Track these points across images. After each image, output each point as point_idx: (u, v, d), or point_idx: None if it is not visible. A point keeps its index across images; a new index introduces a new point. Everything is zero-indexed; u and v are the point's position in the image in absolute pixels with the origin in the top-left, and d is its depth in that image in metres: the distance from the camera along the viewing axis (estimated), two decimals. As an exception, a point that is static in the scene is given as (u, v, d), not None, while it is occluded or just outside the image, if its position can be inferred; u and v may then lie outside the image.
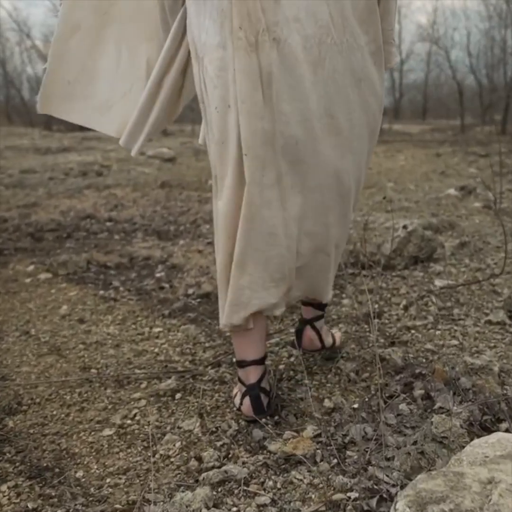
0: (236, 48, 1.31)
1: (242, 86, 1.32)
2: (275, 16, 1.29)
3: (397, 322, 2.18)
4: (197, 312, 2.46)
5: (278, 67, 1.32)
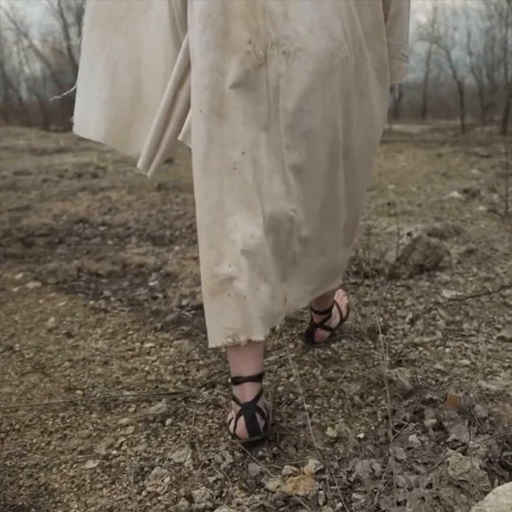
0: (241, 60, 1.32)
1: (247, 99, 1.34)
2: (285, 31, 1.31)
3: (403, 337, 2.05)
4: (191, 325, 2.33)
5: (287, 80, 1.33)
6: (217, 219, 1.38)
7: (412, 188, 5.55)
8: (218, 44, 1.33)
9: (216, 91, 1.34)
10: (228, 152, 1.36)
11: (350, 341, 2.06)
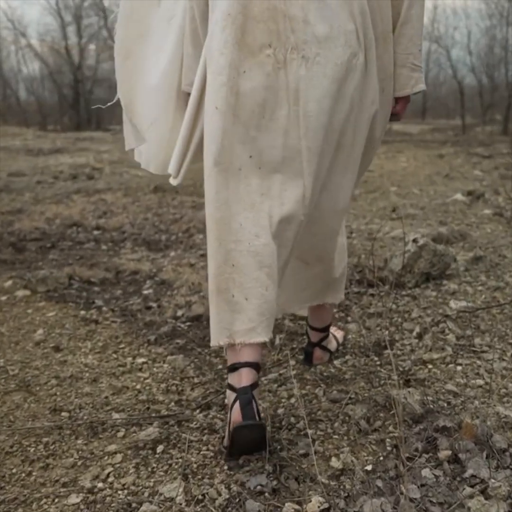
0: (261, 63, 1.35)
1: (266, 101, 1.36)
2: (304, 35, 1.34)
3: (411, 353, 1.93)
4: (186, 338, 2.21)
5: (306, 84, 1.36)
6: (225, 217, 1.40)
7: (414, 190, 5.43)
8: (236, 43, 1.36)
9: (232, 88, 1.37)
10: (237, 152, 1.39)
11: (354, 357, 1.94)
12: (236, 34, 1.35)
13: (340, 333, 2.04)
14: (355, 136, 1.48)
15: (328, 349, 1.93)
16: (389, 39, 1.48)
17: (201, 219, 4.19)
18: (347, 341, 2.07)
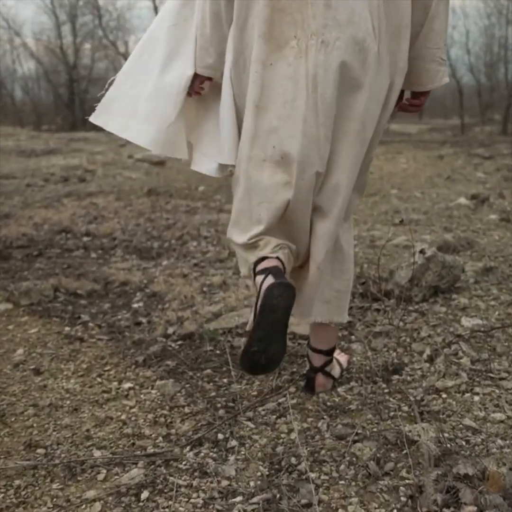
0: (285, 55, 1.37)
1: (288, 91, 1.38)
2: (324, 19, 1.33)
3: (422, 379, 1.76)
4: (177, 359, 2.04)
5: (325, 69, 1.35)
6: (245, 209, 1.52)
7: (416, 193, 5.27)
8: (259, 36, 1.38)
9: (255, 82, 1.40)
10: (260, 144, 1.44)
11: (360, 383, 1.77)
12: (262, 27, 1.37)
13: (344, 357, 1.87)
14: (367, 125, 1.45)
15: (331, 375, 1.77)
16: (403, 35, 1.45)
17: (195, 225, 4.03)
18: (352, 364, 1.90)
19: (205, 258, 3.26)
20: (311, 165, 1.43)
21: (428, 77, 1.55)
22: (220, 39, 1.50)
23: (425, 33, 1.48)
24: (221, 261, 3.16)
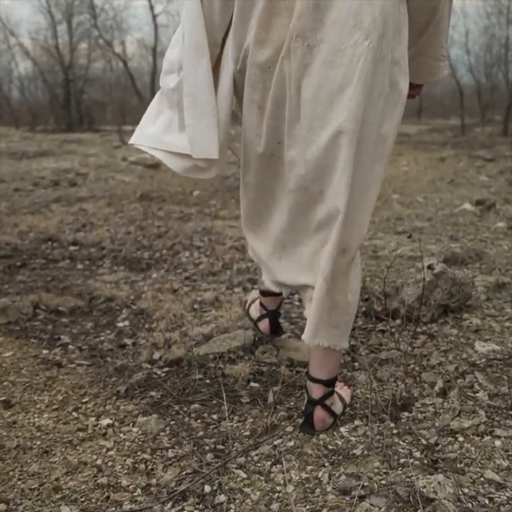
0: (277, 58, 1.36)
1: (276, 91, 1.39)
2: (312, 22, 1.30)
3: (434, 418, 1.57)
4: (162, 390, 1.85)
5: (309, 72, 1.33)
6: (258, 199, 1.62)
7: (418, 198, 5.09)
8: (256, 41, 1.38)
9: (256, 86, 1.42)
10: (265, 141, 1.48)
11: (365, 422, 1.58)
12: (260, 32, 1.37)
13: (347, 391, 1.68)
14: (365, 126, 1.36)
15: (332, 411, 1.58)
16: (402, 33, 1.40)
17: (188, 233, 3.84)
18: (355, 397, 1.71)
19: (197, 270, 3.07)
20: (296, 166, 1.44)
21: (429, 72, 1.59)
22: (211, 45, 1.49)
23: (432, 33, 1.48)
24: (214, 274, 2.97)
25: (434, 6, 1.42)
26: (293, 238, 1.56)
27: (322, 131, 1.37)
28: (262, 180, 1.57)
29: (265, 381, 1.86)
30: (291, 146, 1.42)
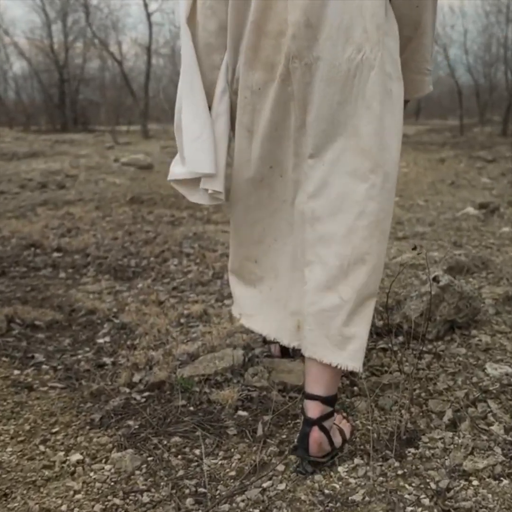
0: (272, 79, 1.37)
1: (275, 114, 1.39)
2: (306, 41, 1.30)
3: (444, 455, 1.39)
4: (141, 418, 1.67)
5: (310, 91, 1.33)
6: (249, 223, 1.58)
7: (418, 200, 4.91)
8: (245, 63, 1.39)
9: (245, 108, 1.43)
10: (256, 166, 1.47)
11: (366, 460, 1.40)
12: (248, 54, 1.38)
13: (346, 425, 1.50)
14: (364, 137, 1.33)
15: (330, 436, 1.41)
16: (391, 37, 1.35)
17: (178, 239, 3.65)
18: (355, 428, 1.53)
19: (186, 279, 2.88)
20: (301, 185, 1.42)
21: (413, 87, 1.54)
22: (210, 68, 1.51)
23: (414, 47, 1.46)
24: (204, 284, 2.79)
25: (416, 20, 1.40)
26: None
27: (327, 149, 1.36)
28: (249, 207, 1.56)
29: (255, 408, 1.68)
30: (298, 165, 1.42)
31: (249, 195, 1.53)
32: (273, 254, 1.56)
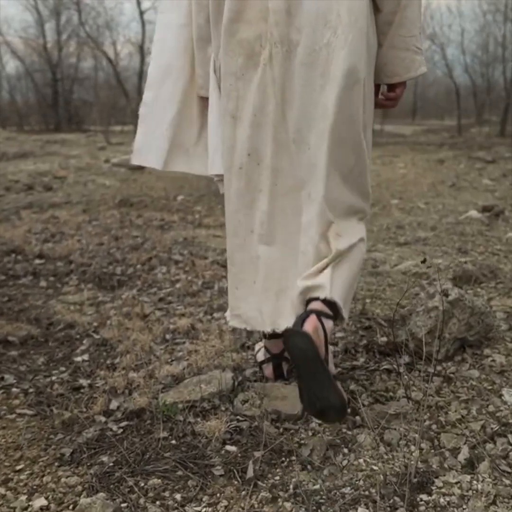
0: (254, 64, 1.41)
1: (256, 99, 1.42)
2: (287, 28, 1.36)
3: (462, 504, 1.21)
4: (116, 454, 1.48)
5: (290, 77, 1.38)
6: (227, 215, 1.56)
7: (419, 203, 4.73)
8: (231, 50, 1.43)
9: (230, 94, 1.45)
10: (237, 152, 1.48)
11: (371, 509, 1.22)
12: (230, 41, 1.41)
13: None
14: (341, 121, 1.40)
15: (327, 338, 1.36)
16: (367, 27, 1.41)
17: (167, 244, 3.46)
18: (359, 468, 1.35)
19: (174, 289, 2.69)
20: (283, 171, 1.46)
21: (403, 66, 1.51)
22: (205, 60, 1.59)
23: (398, 22, 1.46)
24: (192, 295, 2.60)
25: None
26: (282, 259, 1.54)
27: (310, 131, 1.41)
28: (229, 198, 1.56)
29: (245, 443, 1.49)
30: (277, 152, 1.45)
31: (230, 184, 1.52)
32: (248, 248, 1.55)
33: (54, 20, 19.44)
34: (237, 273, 1.60)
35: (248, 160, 1.47)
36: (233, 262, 1.60)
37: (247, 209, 1.52)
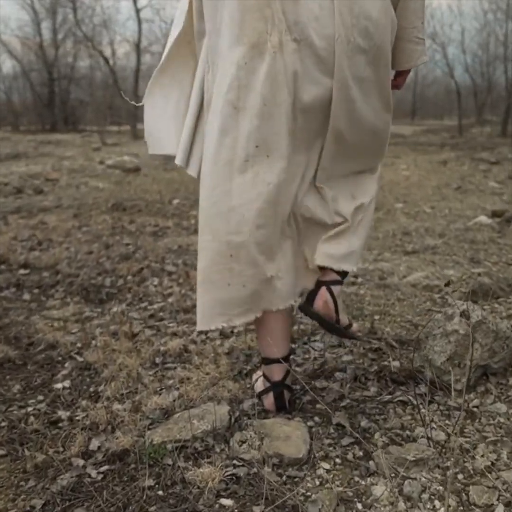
0: (260, 52, 1.35)
1: (266, 88, 1.37)
2: (295, 16, 1.33)
3: None
4: (94, 507, 1.28)
5: (301, 66, 1.36)
6: (222, 212, 1.44)
7: (424, 207, 4.54)
8: (236, 39, 1.37)
9: (232, 84, 1.39)
10: (242, 144, 1.40)
11: None
12: (234, 30, 1.37)
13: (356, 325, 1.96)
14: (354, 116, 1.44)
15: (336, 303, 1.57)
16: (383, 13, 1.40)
17: (160, 253, 3.26)
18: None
19: (166, 304, 2.50)
20: (295, 160, 1.45)
21: (404, 56, 1.53)
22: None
23: (400, 13, 1.46)
24: (186, 310, 2.40)
25: None
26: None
27: (317, 123, 1.43)
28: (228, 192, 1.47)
29: (242, 495, 1.29)
30: (291, 142, 1.42)
31: (229, 179, 1.44)
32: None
33: (50, 19, 19.22)
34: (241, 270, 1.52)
35: (256, 152, 1.40)
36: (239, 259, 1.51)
37: (252, 203, 1.44)
